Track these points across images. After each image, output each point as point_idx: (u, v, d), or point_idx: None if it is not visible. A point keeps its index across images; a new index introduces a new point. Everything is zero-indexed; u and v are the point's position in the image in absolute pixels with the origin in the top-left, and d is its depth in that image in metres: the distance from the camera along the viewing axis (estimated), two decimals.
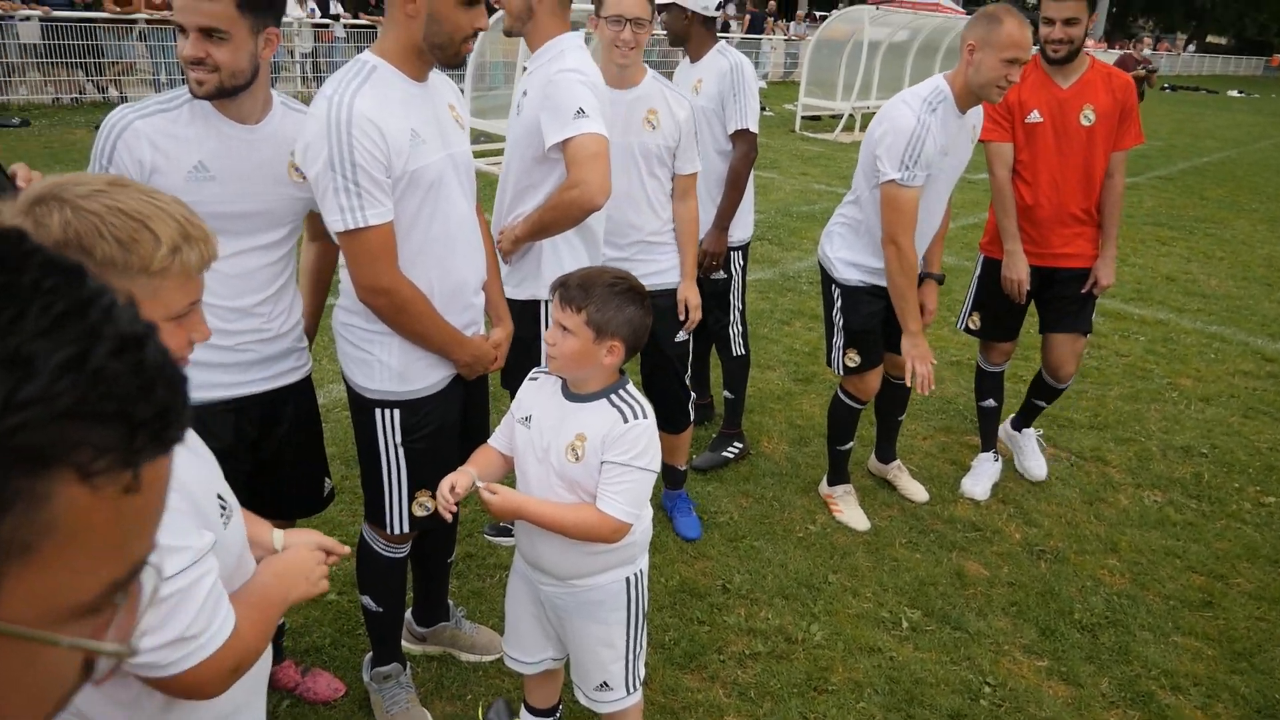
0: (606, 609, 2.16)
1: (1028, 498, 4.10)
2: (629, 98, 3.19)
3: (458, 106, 2.36)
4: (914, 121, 3.20)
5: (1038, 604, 3.36)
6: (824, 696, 2.84)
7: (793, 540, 3.66)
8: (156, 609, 1.14)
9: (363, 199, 2.06)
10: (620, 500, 1.97)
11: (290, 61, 14.90)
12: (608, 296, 1.95)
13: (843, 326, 3.64)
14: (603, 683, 2.23)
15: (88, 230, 1.12)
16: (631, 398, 2.04)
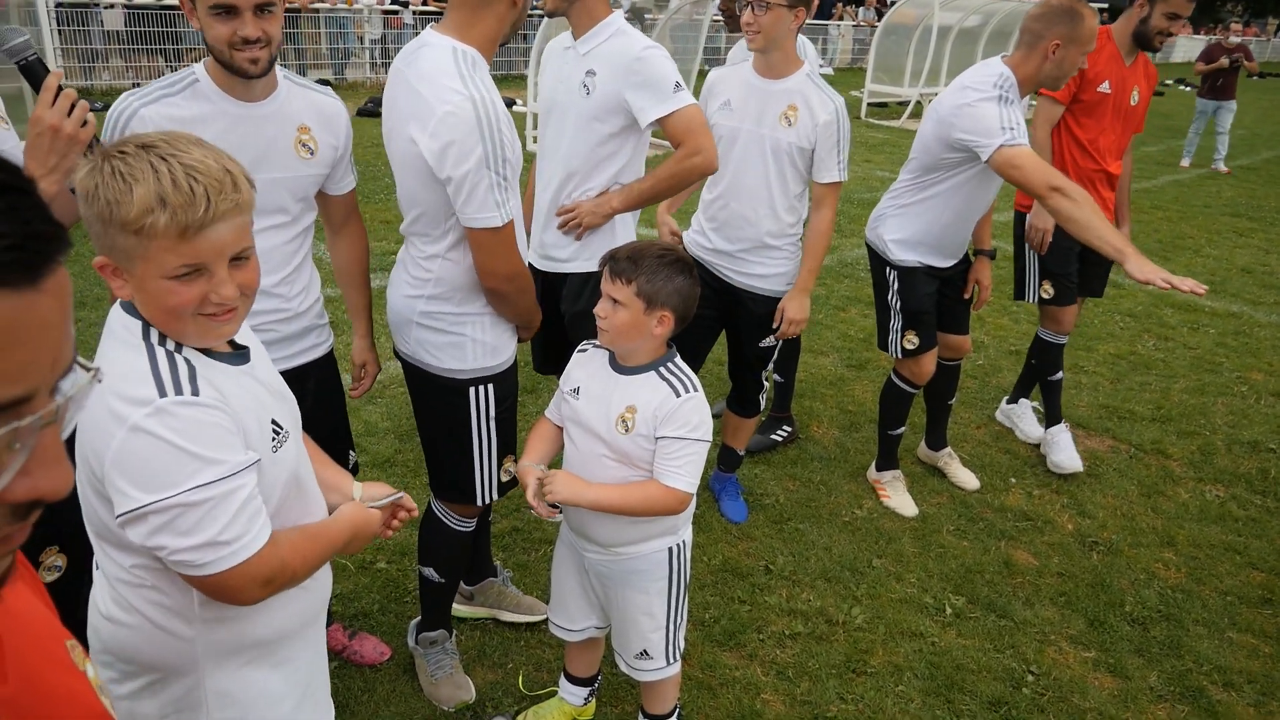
0: (648, 578, 2.20)
1: (1082, 489, 4.02)
2: (773, 88, 3.14)
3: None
4: (996, 103, 3.12)
5: (1087, 595, 3.30)
6: (862, 679, 2.84)
7: (838, 524, 3.65)
8: (191, 512, 1.26)
9: (508, 193, 2.12)
10: (683, 473, 2.03)
11: (360, 48, 15.19)
12: (657, 267, 1.98)
13: (900, 309, 3.62)
14: (642, 651, 2.27)
15: (92, 186, 1.23)
16: (681, 371, 2.07)
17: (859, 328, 5.71)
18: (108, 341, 1.33)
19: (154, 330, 1.30)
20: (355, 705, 2.58)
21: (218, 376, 1.34)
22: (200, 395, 1.27)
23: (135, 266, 1.26)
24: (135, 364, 1.27)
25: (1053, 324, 4.08)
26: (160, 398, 1.25)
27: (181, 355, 1.30)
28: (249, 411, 1.36)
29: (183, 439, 1.25)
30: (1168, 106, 18.91)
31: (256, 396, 1.40)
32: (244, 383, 1.39)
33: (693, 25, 13.61)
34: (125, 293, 1.29)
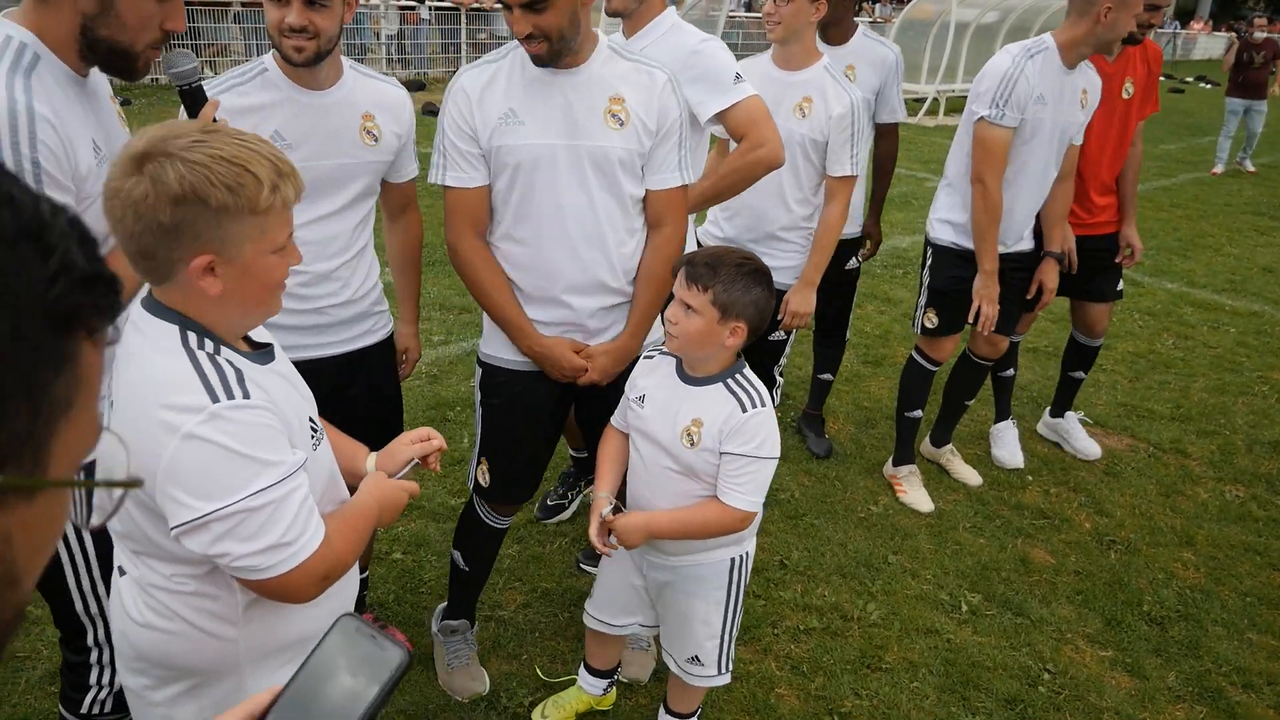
0: (709, 585, 2.18)
1: (1100, 487, 3.99)
2: (790, 80, 3.12)
3: (631, 102, 2.21)
4: (1009, 63, 3.26)
5: (1105, 594, 3.28)
6: (877, 674, 2.83)
7: (853, 520, 3.63)
8: (254, 516, 1.25)
9: (446, 161, 2.24)
10: (744, 492, 1.99)
11: (376, 44, 15.23)
12: (735, 276, 1.92)
13: (927, 285, 3.66)
14: (694, 656, 2.25)
15: (200, 181, 1.18)
16: (749, 384, 2.02)
17: (875, 324, 5.68)
18: (141, 347, 1.29)
19: (191, 334, 1.28)
20: None
21: (258, 376, 1.32)
22: (251, 398, 1.26)
23: (244, 251, 1.24)
24: (179, 371, 1.24)
25: (1024, 327, 4.10)
26: (213, 403, 1.22)
27: (222, 358, 1.28)
28: (291, 409, 1.36)
29: (240, 443, 1.23)
30: (1188, 104, 18.74)
31: (289, 394, 1.39)
32: (276, 381, 1.38)
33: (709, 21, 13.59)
34: (217, 289, 1.25)
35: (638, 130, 2.20)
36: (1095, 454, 4.20)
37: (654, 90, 2.21)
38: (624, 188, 2.23)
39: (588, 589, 3.09)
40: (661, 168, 2.26)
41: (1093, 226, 3.84)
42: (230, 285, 1.26)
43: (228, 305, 1.29)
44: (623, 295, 2.33)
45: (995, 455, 4.16)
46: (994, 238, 3.39)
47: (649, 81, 2.22)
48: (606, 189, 2.22)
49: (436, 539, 3.30)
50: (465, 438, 3.99)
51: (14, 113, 1.53)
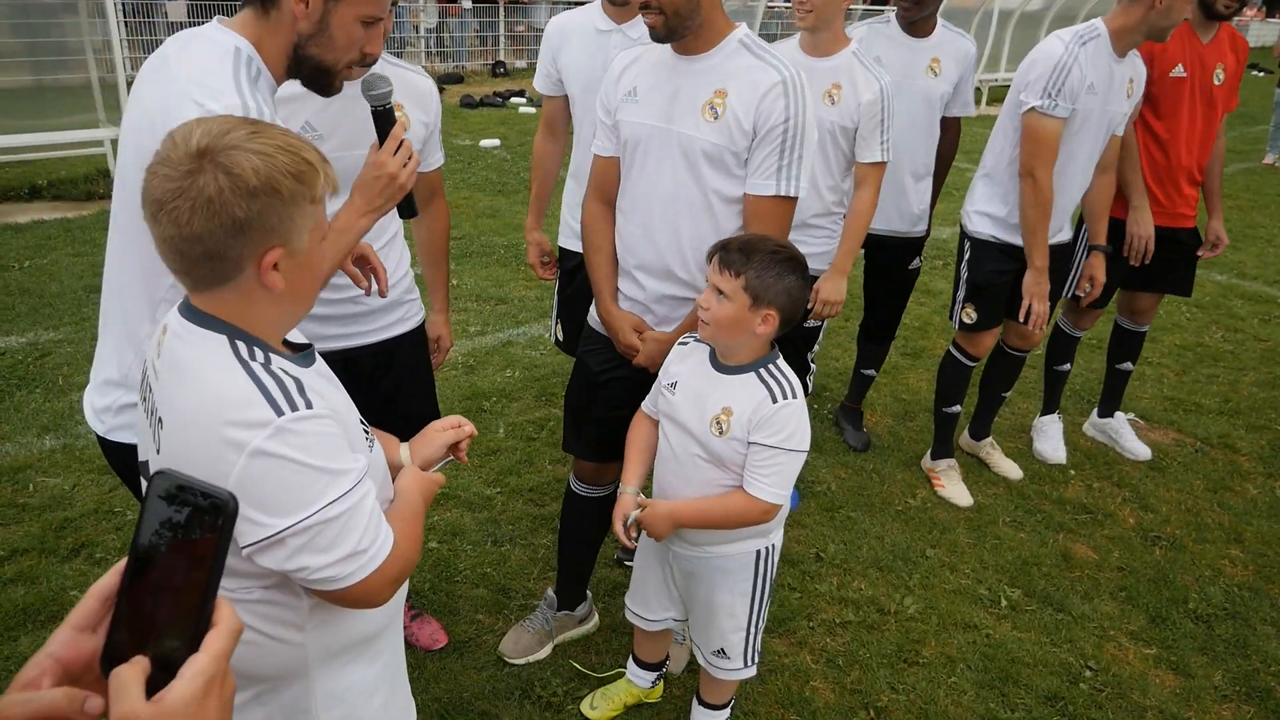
0: (734, 578, 2.16)
1: (1145, 482, 3.91)
2: (818, 66, 3.06)
3: (732, 98, 2.15)
4: (1062, 49, 3.18)
5: (1149, 591, 3.21)
6: (914, 669, 2.79)
7: (891, 513, 3.59)
8: (330, 527, 1.22)
9: (597, 129, 2.41)
10: (769, 484, 1.97)
11: (415, 37, 15.32)
12: (769, 263, 1.90)
13: (966, 280, 3.60)
14: (720, 649, 2.24)
15: (273, 171, 1.15)
16: (781, 374, 1.99)
17: (914, 316, 5.61)
18: (192, 361, 1.23)
19: (240, 344, 1.23)
20: None
21: (313, 381, 1.28)
22: (314, 407, 1.22)
23: (304, 240, 1.22)
24: (239, 385, 1.19)
25: (1073, 315, 3.98)
26: (278, 416, 1.18)
27: (276, 367, 1.23)
28: (348, 413, 1.34)
29: (309, 455, 1.20)
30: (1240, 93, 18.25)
31: (338, 397, 1.36)
32: (325, 383, 1.35)
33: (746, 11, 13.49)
34: (281, 285, 1.21)
35: (730, 127, 2.16)
36: (1145, 455, 4.10)
37: (759, 89, 2.15)
38: (709, 182, 2.21)
39: (623, 580, 3.11)
40: (757, 172, 2.20)
41: (1175, 217, 3.71)
42: (290, 279, 1.23)
43: (282, 303, 1.25)
44: (691, 289, 2.31)
45: (1037, 449, 4.09)
46: (1045, 233, 3.31)
47: (759, 80, 2.16)
48: (691, 179, 2.22)
49: (471, 529, 3.31)
50: (500, 428, 4.00)
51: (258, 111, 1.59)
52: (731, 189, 2.22)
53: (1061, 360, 4.08)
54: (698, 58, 2.19)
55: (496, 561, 3.15)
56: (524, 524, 3.35)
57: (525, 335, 4.99)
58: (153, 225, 1.17)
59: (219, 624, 0.75)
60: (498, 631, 2.83)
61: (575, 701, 2.59)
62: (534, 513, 3.42)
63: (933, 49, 3.52)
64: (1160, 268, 3.76)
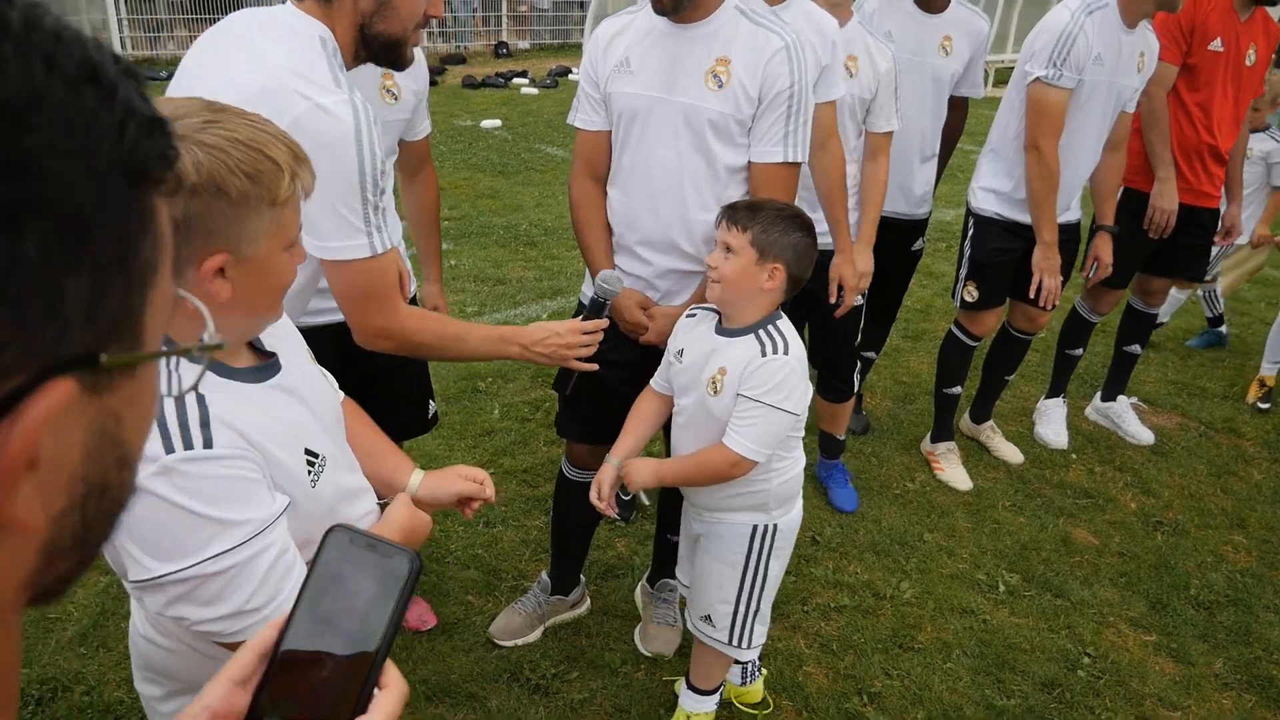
0: (725, 548, 2.14)
1: (1147, 467, 3.85)
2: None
3: (736, 65, 2.12)
4: (1068, 18, 3.11)
5: (1150, 577, 3.17)
6: (909, 654, 2.75)
7: (889, 496, 3.55)
8: (212, 582, 1.11)
9: (579, 103, 2.31)
10: (742, 435, 1.93)
11: None
12: (774, 219, 1.92)
13: (969, 257, 3.54)
14: (706, 615, 2.22)
15: (219, 168, 1.04)
16: (778, 332, 1.98)
17: (916, 298, 5.55)
18: None
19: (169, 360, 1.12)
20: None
21: (241, 407, 1.16)
22: (214, 446, 1.09)
23: (259, 247, 1.10)
24: None
25: (1092, 299, 3.91)
26: (166, 454, 1.06)
27: (197, 390, 1.11)
28: (278, 444, 1.20)
29: (195, 501, 1.08)
30: None
31: (287, 421, 1.23)
32: (274, 403, 1.23)
33: None
34: (226, 294, 1.10)
35: (737, 94, 2.11)
36: (1148, 440, 4.04)
37: (764, 55, 2.11)
38: (715, 152, 2.16)
39: (614, 562, 3.07)
40: (764, 139, 2.16)
41: (1200, 195, 3.62)
42: (240, 288, 1.11)
43: (232, 313, 1.13)
44: (696, 263, 2.26)
45: (1038, 433, 4.04)
46: (1052, 206, 3.24)
47: (762, 45, 2.11)
48: (696, 149, 2.17)
49: None
50: (495, 409, 3.96)
51: (369, 120, 1.53)
52: (736, 158, 2.18)
53: (1075, 344, 4.01)
54: (695, 25, 2.13)
55: (488, 543, 3.12)
56: (517, 505, 3.31)
57: (522, 316, 4.94)
58: None
59: (388, 686, 0.69)
60: (487, 613, 2.79)
61: (565, 684, 2.56)
62: (527, 494, 3.38)
63: (946, 26, 3.43)
64: (1179, 250, 3.70)
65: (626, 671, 2.62)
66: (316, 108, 1.48)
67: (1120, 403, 4.14)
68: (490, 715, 2.44)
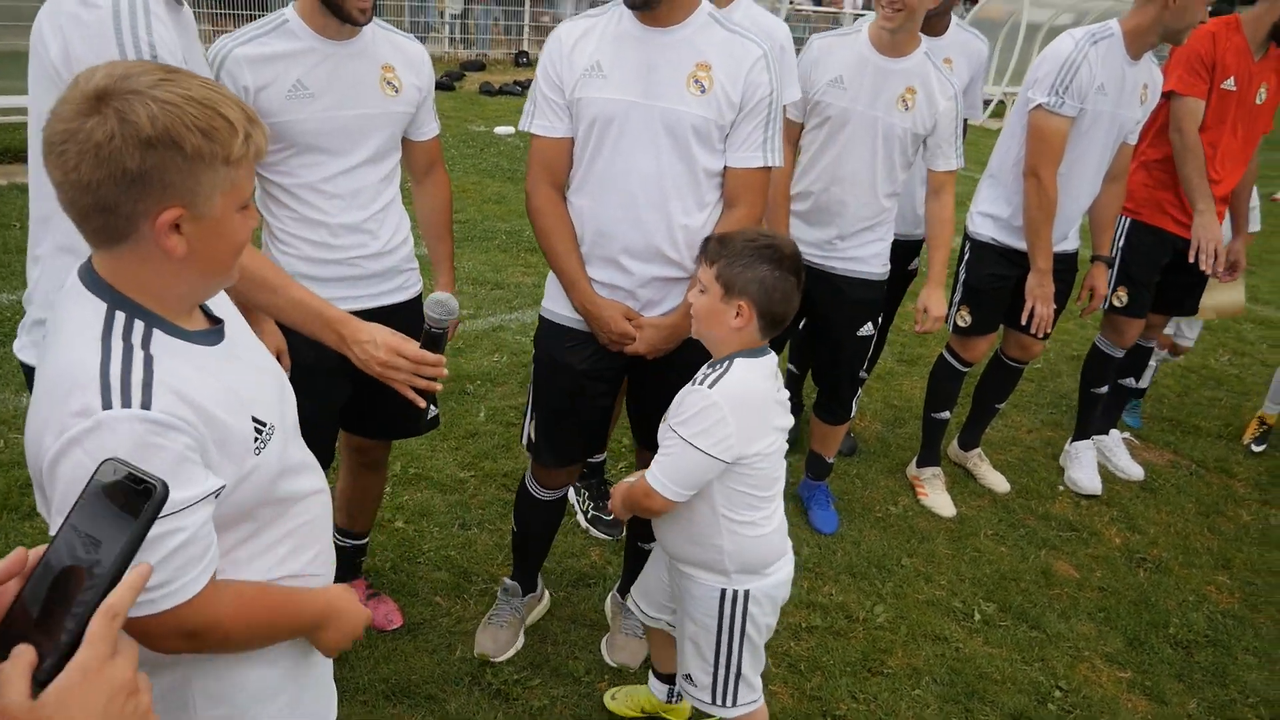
0: (697, 606, 2.00)
1: (1135, 502, 3.81)
2: (893, 68, 2.90)
3: (718, 71, 2.12)
4: (1071, 47, 3.11)
5: (1129, 613, 3.12)
6: (877, 678, 2.72)
7: (870, 519, 3.52)
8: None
9: (535, 108, 2.25)
10: (657, 466, 1.85)
11: (440, 22, 15.30)
12: (741, 252, 1.81)
13: (963, 281, 3.51)
14: (688, 675, 2.10)
15: (174, 122, 1.04)
16: (725, 366, 1.84)
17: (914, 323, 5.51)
18: (65, 329, 1.14)
19: (119, 315, 1.12)
20: (354, 660, 2.55)
21: (192, 371, 1.15)
22: (152, 408, 1.07)
23: (214, 206, 1.10)
24: (86, 363, 1.08)
25: (1114, 334, 3.83)
26: (103, 410, 1.05)
27: (144, 349, 1.11)
28: (225, 410, 1.17)
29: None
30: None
31: (236, 387, 1.21)
32: (223, 369, 1.21)
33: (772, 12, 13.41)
34: (182, 250, 1.10)
35: (719, 100, 2.12)
36: (1138, 475, 3.99)
37: (745, 63, 2.13)
38: (696, 157, 2.16)
39: (587, 570, 3.05)
40: (744, 145, 2.17)
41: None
42: (195, 245, 1.11)
43: (187, 270, 1.14)
44: (681, 269, 2.24)
45: (1070, 477, 3.90)
46: (1049, 234, 3.22)
47: (742, 54, 2.13)
48: (677, 155, 2.16)
49: (441, 510, 3.26)
50: (481, 411, 3.95)
51: (131, 4, 1.62)
52: (714, 163, 2.18)
53: (1097, 382, 3.92)
54: (671, 29, 2.12)
55: (462, 545, 3.10)
56: (494, 509, 3.29)
57: (517, 321, 4.94)
58: (46, 170, 1.07)
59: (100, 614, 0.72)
60: (454, 615, 2.77)
61: (526, 691, 2.54)
62: (505, 498, 3.35)
63: (944, 48, 3.43)
64: (1175, 287, 3.68)
65: (589, 681, 2.59)
66: (80, 3, 1.62)
67: (1112, 436, 4.10)
68: (447, 717, 2.42)
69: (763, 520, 1.93)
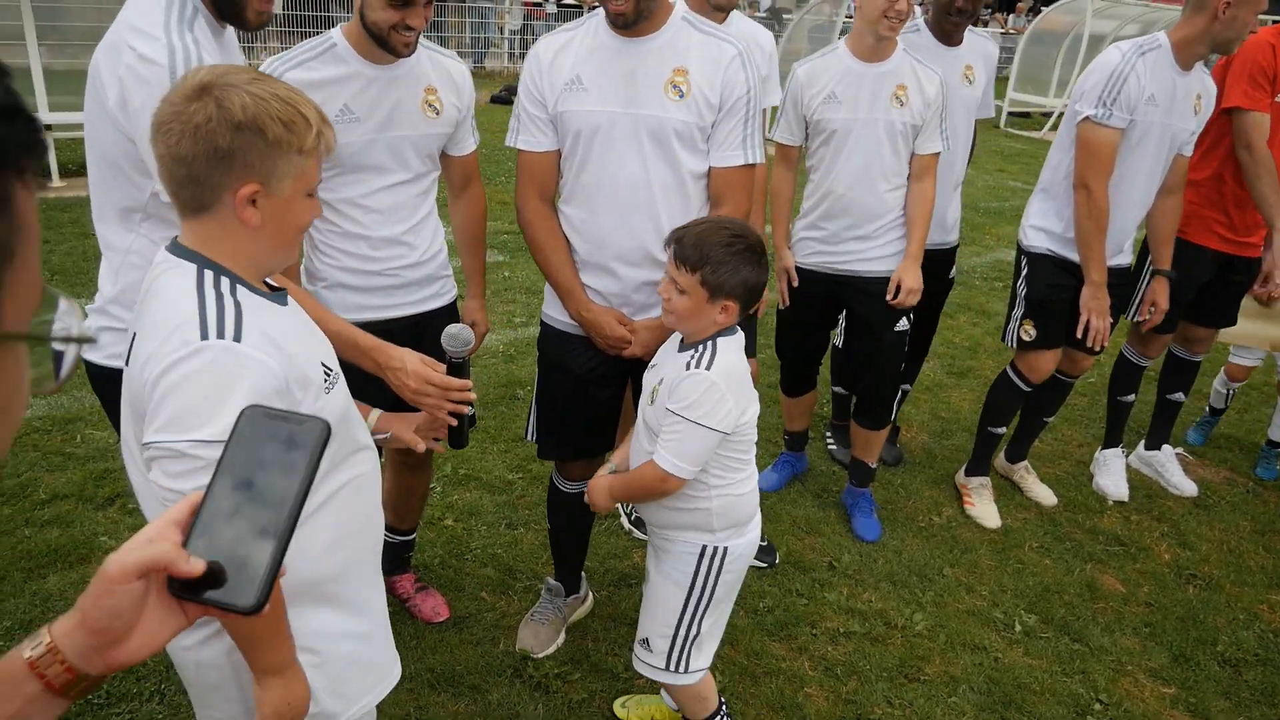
0: (674, 564, 2.10)
1: (1187, 519, 3.76)
2: (878, 71, 3.02)
3: (695, 74, 2.20)
4: (1119, 58, 3.10)
5: (1176, 629, 3.09)
6: (914, 685, 2.73)
7: (913, 528, 3.52)
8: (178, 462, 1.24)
9: (520, 124, 2.32)
10: (667, 450, 1.93)
11: (500, 38, 15.59)
12: (724, 257, 1.88)
13: (1024, 296, 3.48)
14: (645, 639, 2.17)
15: (261, 112, 1.23)
16: (710, 347, 1.94)
17: (965, 335, 5.50)
18: (164, 287, 1.31)
19: (208, 273, 1.30)
20: (402, 651, 2.60)
21: (272, 316, 1.33)
22: (242, 342, 1.25)
23: (285, 187, 1.28)
24: (185, 311, 1.26)
25: (1140, 344, 3.82)
26: (201, 339, 1.23)
27: (232, 296, 1.29)
28: (301, 351, 1.35)
29: (202, 384, 1.23)
30: None
31: (304, 338, 1.41)
32: (293, 323, 1.40)
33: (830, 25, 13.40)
34: (256, 220, 1.28)
35: (698, 103, 2.20)
36: (1191, 491, 3.93)
37: (720, 63, 2.21)
38: (681, 161, 2.24)
39: (628, 571, 3.11)
40: (724, 144, 2.26)
41: (1242, 246, 3.56)
42: (267, 219, 1.29)
43: (259, 240, 1.32)
44: None
45: (1098, 484, 3.90)
46: (1101, 246, 3.19)
47: (717, 54, 2.21)
48: (662, 160, 2.23)
49: (489, 510, 3.35)
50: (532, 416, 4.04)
51: (187, 61, 1.74)
52: (699, 165, 2.26)
53: (1125, 390, 3.91)
54: (647, 38, 2.19)
55: (508, 544, 3.19)
56: (540, 510, 3.37)
57: None
58: (153, 146, 1.27)
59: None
60: (498, 610, 2.86)
61: (566, 684, 2.60)
62: None
63: (965, 55, 3.46)
64: (1219, 299, 3.62)
65: (628, 678, 2.65)
66: (140, 58, 1.74)
67: (1165, 452, 4.04)
68: (490, 707, 2.50)
69: (745, 480, 2.07)
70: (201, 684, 1.47)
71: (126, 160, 1.88)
